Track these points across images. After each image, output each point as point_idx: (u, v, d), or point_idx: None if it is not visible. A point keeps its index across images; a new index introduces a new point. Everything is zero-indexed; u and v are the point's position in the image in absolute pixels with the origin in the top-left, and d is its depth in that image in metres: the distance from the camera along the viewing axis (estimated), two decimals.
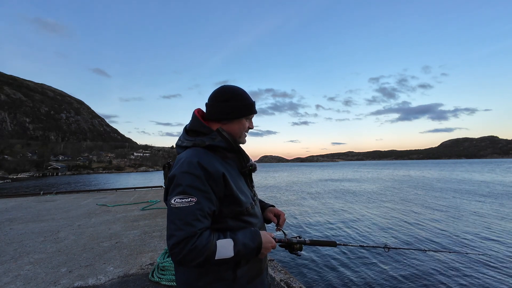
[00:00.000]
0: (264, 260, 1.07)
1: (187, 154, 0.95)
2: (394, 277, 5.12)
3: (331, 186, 25.29)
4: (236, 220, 0.97)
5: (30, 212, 6.69)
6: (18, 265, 3.16)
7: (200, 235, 0.84)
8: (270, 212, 1.23)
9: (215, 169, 0.91)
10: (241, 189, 1.00)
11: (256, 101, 1.13)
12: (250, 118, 1.11)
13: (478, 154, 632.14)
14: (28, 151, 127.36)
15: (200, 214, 0.85)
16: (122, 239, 4.16)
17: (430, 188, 21.01)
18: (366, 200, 15.90)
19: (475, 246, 6.86)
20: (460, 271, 5.33)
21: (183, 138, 1.03)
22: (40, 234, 4.59)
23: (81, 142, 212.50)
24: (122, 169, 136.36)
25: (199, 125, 1.02)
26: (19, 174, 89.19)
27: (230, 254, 0.86)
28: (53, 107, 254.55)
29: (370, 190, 20.99)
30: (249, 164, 1.08)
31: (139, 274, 2.86)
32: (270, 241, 0.98)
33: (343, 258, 6.10)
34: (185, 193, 0.86)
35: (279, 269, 3.10)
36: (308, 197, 18.07)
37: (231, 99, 1.03)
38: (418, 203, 13.85)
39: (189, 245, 0.81)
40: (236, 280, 0.93)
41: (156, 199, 8.40)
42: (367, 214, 11.60)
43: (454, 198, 15.37)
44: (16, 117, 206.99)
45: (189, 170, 0.88)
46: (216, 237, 0.88)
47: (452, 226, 8.92)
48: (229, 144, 1.00)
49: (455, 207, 12.36)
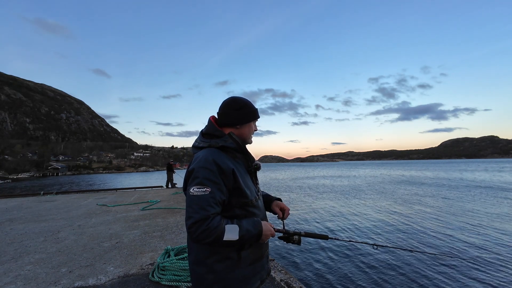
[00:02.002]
0: (264, 247, 1.26)
1: (203, 153, 1.15)
2: (383, 274, 5.27)
3: (327, 184, 25.39)
4: (242, 210, 1.17)
5: (31, 212, 6.69)
6: (18, 265, 3.16)
7: (212, 219, 1.03)
8: (276, 206, 1.42)
9: (227, 166, 1.11)
10: (247, 184, 1.20)
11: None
12: (255, 122, 1.34)
13: (478, 154, 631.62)
14: (28, 151, 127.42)
15: (213, 201, 1.05)
16: (122, 239, 4.16)
17: (424, 187, 21.04)
18: (358, 197, 16.13)
19: (459, 248, 6.78)
20: (442, 272, 5.32)
21: (200, 140, 1.25)
22: (41, 234, 4.59)
23: (81, 142, 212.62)
24: (122, 169, 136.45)
25: (214, 130, 1.23)
26: (20, 174, 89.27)
27: (235, 237, 1.05)
28: (53, 107, 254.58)
29: (363, 188, 21.14)
30: (254, 164, 1.29)
31: (140, 274, 2.86)
32: (269, 229, 1.18)
33: (342, 256, 6.13)
34: (201, 184, 1.05)
35: (279, 269, 3.10)
36: (304, 193, 18.17)
37: (244, 108, 1.27)
38: (410, 202, 13.88)
39: (203, 226, 1.00)
40: (240, 260, 1.13)
41: (156, 199, 8.40)
42: (360, 211, 11.85)
43: (445, 198, 15.36)
44: (16, 117, 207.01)
45: (205, 165, 1.08)
46: (225, 222, 1.07)
47: (439, 226, 8.99)
48: (238, 145, 1.21)
49: (445, 208, 12.37)
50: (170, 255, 3.04)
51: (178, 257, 2.86)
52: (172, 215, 6.02)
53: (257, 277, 1.20)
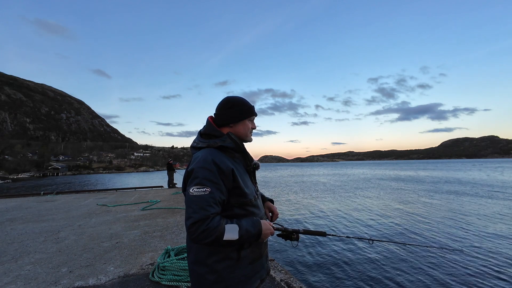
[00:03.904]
0: (264, 246, 1.26)
1: (202, 153, 1.15)
2: (380, 268, 5.45)
3: (324, 182, 25.54)
4: (241, 209, 1.17)
5: (31, 212, 6.69)
6: (18, 265, 3.16)
7: (212, 219, 1.03)
8: (267, 208, 1.44)
9: (226, 166, 1.11)
10: (246, 183, 1.20)
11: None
12: (252, 119, 1.32)
13: (478, 154, 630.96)
14: (29, 151, 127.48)
15: (213, 201, 1.05)
16: (123, 239, 4.16)
17: (420, 185, 21.14)
18: (354, 194, 16.52)
19: (453, 242, 7.16)
20: (435, 265, 5.63)
21: (198, 140, 1.24)
22: (41, 234, 4.59)
23: (81, 142, 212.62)
24: (123, 169, 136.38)
25: (212, 130, 1.23)
26: (20, 174, 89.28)
27: (235, 237, 1.05)
28: (54, 107, 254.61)
29: (360, 186, 21.28)
30: (253, 163, 1.29)
31: (140, 274, 2.86)
32: (269, 228, 1.19)
33: (340, 252, 6.18)
34: (201, 184, 1.05)
35: (279, 268, 3.10)
36: (301, 191, 18.31)
37: (235, 106, 1.25)
38: (405, 199, 13.96)
39: (203, 226, 1.00)
40: (240, 260, 1.13)
41: (156, 199, 8.40)
42: (355, 207, 12.13)
43: (440, 196, 15.42)
44: (16, 117, 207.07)
45: (204, 165, 1.08)
46: (225, 222, 1.07)
47: (431, 221, 9.31)
48: (237, 145, 1.21)
49: (440, 205, 12.57)
50: (170, 255, 3.04)
51: (178, 257, 2.86)
52: (172, 215, 6.02)
53: (257, 277, 1.20)
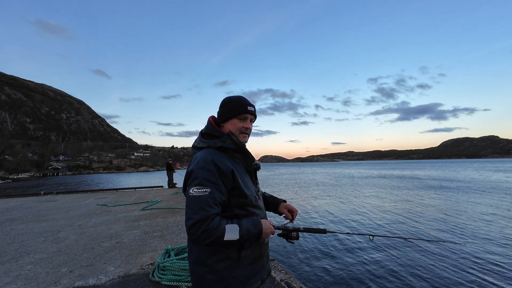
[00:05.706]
0: (264, 246, 1.25)
1: (203, 153, 1.14)
2: (380, 263, 5.52)
3: (323, 180, 25.49)
4: (242, 209, 1.17)
5: (31, 212, 6.70)
6: (19, 265, 3.16)
7: (212, 219, 1.03)
8: (285, 208, 1.44)
9: (226, 166, 1.11)
10: (246, 184, 1.19)
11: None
12: (243, 118, 1.24)
13: (478, 154, 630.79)
14: (29, 151, 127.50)
15: (213, 202, 1.05)
16: (123, 239, 4.16)
17: (420, 184, 21.14)
18: (353, 192, 16.62)
19: (453, 236, 7.32)
20: (435, 258, 5.74)
21: (199, 140, 1.24)
22: (41, 234, 4.59)
23: (81, 142, 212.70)
24: (123, 169, 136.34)
25: (213, 130, 1.23)
26: (20, 174, 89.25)
27: (236, 237, 1.04)
28: (54, 107, 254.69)
29: (359, 184, 21.21)
30: (254, 164, 1.28)
31: (140, 274, 2.86)
32: (269, 227, 1.18)
33: (340, 250, 6.21)
34: (201, 185, 1.05)
35: (279, 269, 3.10)
36: (301, 191, 18.44)
37: (226, 104, 1.25)
38: (404, 197, 13.97)
39: (203, 227, 1.00)
40: (240, 260, 1.12)
41: (156, 199, 8.40)
42: (355, 204, 12.32)
43: (438, 193, 15.44)
44: (16, 117, 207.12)
45: (204, 166, 1.08)
46: (225, 222, 1.07)
47: (430, 217, 9.47)
48: (237, 146, 1.20)
49: (439, 202, 12.65)
50: (170, 255, 3.04)
51: (178, 257, 2.87)
52: (172, 215, 6.02)
53: (257, 277, 1.19)
